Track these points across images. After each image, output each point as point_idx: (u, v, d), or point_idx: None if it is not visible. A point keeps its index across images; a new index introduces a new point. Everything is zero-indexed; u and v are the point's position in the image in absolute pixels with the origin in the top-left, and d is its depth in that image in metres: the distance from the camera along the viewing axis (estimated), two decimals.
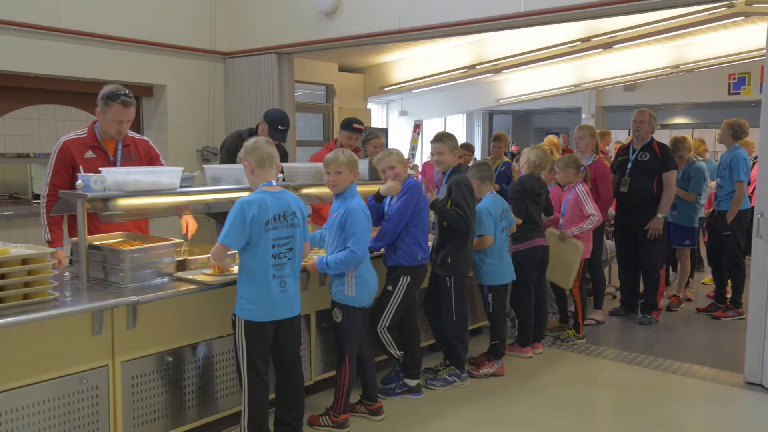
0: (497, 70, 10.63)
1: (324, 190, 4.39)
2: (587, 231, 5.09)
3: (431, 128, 14.50)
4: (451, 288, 4.11)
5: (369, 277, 3.50)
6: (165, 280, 3.26)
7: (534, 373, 4.47)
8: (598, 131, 5.89)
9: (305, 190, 4.27)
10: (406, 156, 4.46)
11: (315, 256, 3.53)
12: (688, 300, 6.45)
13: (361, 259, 3.39)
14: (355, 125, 5.17)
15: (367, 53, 9.02)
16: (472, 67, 9.56)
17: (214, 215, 4.56)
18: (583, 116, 15.85)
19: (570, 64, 11.94)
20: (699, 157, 6.36)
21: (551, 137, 6.83)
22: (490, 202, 4.42)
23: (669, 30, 8.18)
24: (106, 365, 2.91)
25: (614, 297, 6.36)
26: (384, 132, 10.31)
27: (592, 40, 8.35)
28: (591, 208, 5.04)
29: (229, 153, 4.64)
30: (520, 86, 13.32)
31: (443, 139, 4.21)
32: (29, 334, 2.65)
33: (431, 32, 5.88)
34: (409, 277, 3.81)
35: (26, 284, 2.68)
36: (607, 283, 6.21)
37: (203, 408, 3.32)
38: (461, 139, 17.41)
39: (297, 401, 3.28)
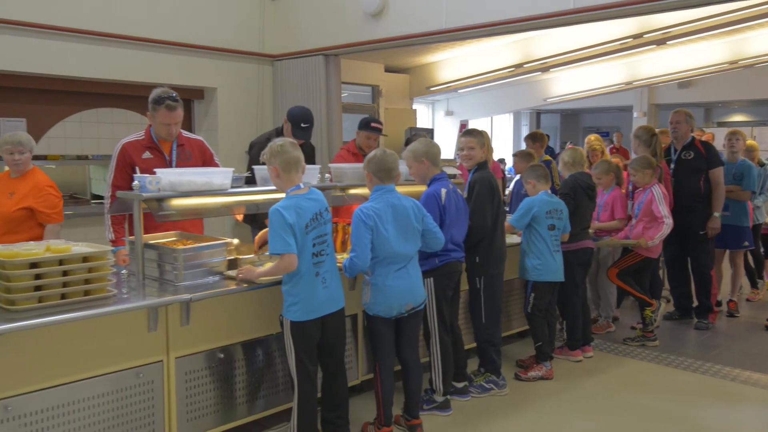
0: (545, 69, 10.48)
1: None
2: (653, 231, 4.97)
3: (477, 128, 14.40)
4: (480, 289, 4.04)
5: (385, 287, 3.31)
6: (216, 278, 3.34)
7: (584, 378, 4.39)
8: (657, 129, 5.74)
9: (352, 191, 4.30)
10: (452, 156, 4.44)
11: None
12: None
13: (361, 267, 3.27)
14: (373, 124, 5.01)
15: (412, 53, 9.02)
16: (519, 65, 9.45)
17: (251, 219, 4.57)
18: (635, 114, 15.49)
19: (621, 61, 11.68)
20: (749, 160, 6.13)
21: (591, 137, 6.67)
22: (540, 199, 4.38)
23: (726, 24, 7.91)
24: (161, 361, 3.00)
25: (668, 301, 6.19)
26: (430, 132, 10.28)
27: (645, 36, 8.15)
28: (664, 209, 4.93)
29: (257, 157, 4.65)
30: (568, 84, 13.09)
31: (474, 133, 4.15)
32: (89, 330, 2.75)
33: (478, 31, 5.84)
34: (432, 279, 3.72)
35: (87, 281, 2.78)
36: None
37: (253, 405, 3.38)
38: (508, 139, 17.25)
39: (341, 400, 3.31)
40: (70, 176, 6.96)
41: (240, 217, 4.11)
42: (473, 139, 4.07)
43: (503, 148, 15.42)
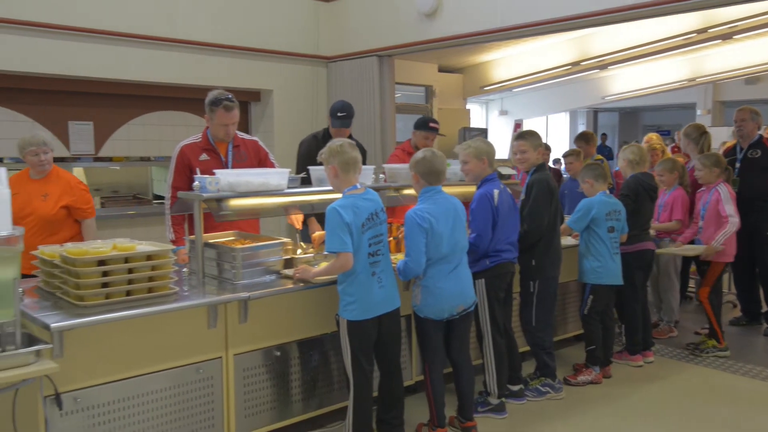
0: (603, 66, 10.23)
1: None
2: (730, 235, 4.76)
3: (532, 127, 14.18)
4: (534, 292, 3.96)
5: (436, 290, 3.30)
6: (273, 277, 3.39)
7: (645, 384, 4.26)
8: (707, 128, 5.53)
9: (406, 191, 4.30)
10: (506, 156, 4.39)
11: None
12: None
13: (415, 271, 3.26)
14: (431, 124, 4.99)
15: (466, 53, 8.96)
16: (576, 63, 9.26)
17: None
18: (698, 112, 14.93)
19: (683, 57, 11.29)
20: None
21: (651, 135, 6.45)
22: (599, 200, 4.27)
23: None
24: (220, 357, 3.07)
25: (734, 306, 5.94)
26: (483, 132, 10.18)
27: (710, 31, 7.85)
28: (731, 209, 4.74)
29: (305, 157, 4.69)
30: (627, 82, 12.74)
31: (525, 136, 4.08)
32: (152, 326, 2.84)
33: (534, 29, 5.75)
34: (483, 281, 3.69)
35: (150, 279, 2.87)
36: (726, 290, 5.81)
37: (308, 402, 3.42)
38: (564, 139, 16.92)
39: (397, 400, 3.31)
40: (133, 177, 7.21)
41: (299, 225, 4.16)
42: (525, 142, 4.01)
43: (559, 147, 15.13)
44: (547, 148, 6.99)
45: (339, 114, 4.61)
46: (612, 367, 4.40)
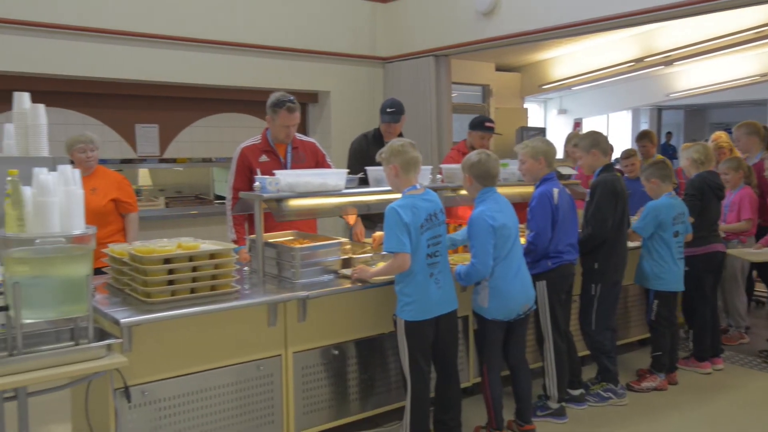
0: (668, 62, 9.88)
1: None
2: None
3: (592, 126, 13.84)
4: (595, 296, 3.86)
5: (505, 289, 3.27)
6: (331, 277, 3.42)
7: (713, 392, 4.09)
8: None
9: (464, 192, 4.26)
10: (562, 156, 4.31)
11: (458, 263, 3.48)
12: None
13: (482, 273, 3.22)
14: (487, 124, 4.93)
15: (525, 51, 8.81)
16: (639, 60, 8.98)
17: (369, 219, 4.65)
18: None
19: (755, 52, 10.77)
20: None
21: (720, 133, 6.18)
22: (666, 203, 4.12)
23: None
24: (280, 355, 3.12)
25: None
26: (542, 131, 9.99)
27: None
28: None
29: (356, 156, 4.69)
30: (694, 78, 12.25)
31: (580, 143, 4.04)
32: (215, 323, 2.91)
33: (596, 26, 5.62)
34: (544, 282, 3.61)
35: (213, 277, 2.95)
36: None
37: (365, 402, 3.44)
38: (626, 138, 16.44)
39: (454, 402, 3.29)
40: (195, 178, 7.42)
41: (352, 220, 4.21)
42: (576, 149, 3.95)
43: (620, 147, 14.70)
44: (651, 138, 6.73)
45: (388, 110, 4.62)
46: (678, 373, 4.24)
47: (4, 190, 2.24)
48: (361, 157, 4.54)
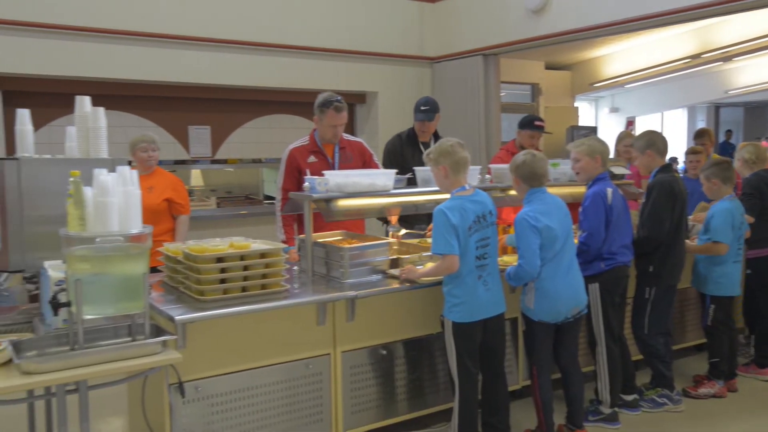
0: (727, 58, 9.54)
1: None
2: None
3: (646, 125, 13.47)
4: (649, 299, 3.75)
5: (552, 291, 3.21)
6: (379, 277, 3.43)
7: None
8: None
9: (513, 191, 4.21)
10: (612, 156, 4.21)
11: (509, 264, 3.45)
12: None
13: (530, 274, 3.18)
14: (537, 122, 4.87)
15: (575, 49, 8.65)
16: (696, 56, 8.70)
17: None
18: None
19: None
20: None
21: None
22: (730, 206, 3.97)
23: None
24: (329, 354, 3.14)
25: None
26: (593, 130, 9.79)
27: None
28: None
29: (389, 156, 4.69)
30: (754, 74, 11.80)
31: (635, 142, 3.95)
32: (265, 321, 2.96)
33: (650, 22, 5.47)
34: (597, 285, 3.53)
35: (264, 276, 2.99)
36: None
37: (413, 402, 3.43)
38: (681, 136, 15.96)
39: (502, 404, 3.25)
40: (245, 178, 7.56)
41: (394, 219, 4.21)
42: (632, 149, 3.85)
43: (676, 146, 14.28)
44: (708, 136, 6.52)
45: (422, 108, 4.58)
46: (738, 380, 4.09)
47: (66, 191, 2.33)
48: (395, 157, 4.54)
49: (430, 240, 3.63)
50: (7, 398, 2.24)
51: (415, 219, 4.36)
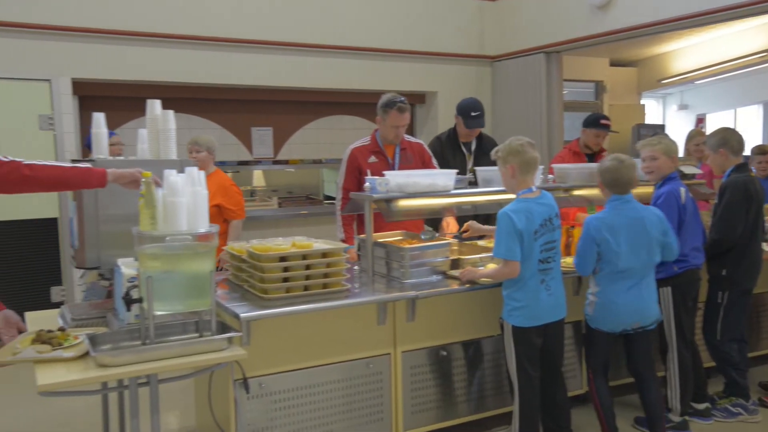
0: None
1: (595, 192, 4.20)
2: None
3: (717, 123, 12.92)
4: (722, 304, 3.60)
5: (610, 303, 3.14)
6: (439, 277, 3.42)
7: None
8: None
9: (577, 192, 4.12)
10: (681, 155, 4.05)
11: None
12: None
13: (580, 272, 3.24)
14: (603, 121, 4.74)
15: (642, 44, 8.38)
16: None
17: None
18: None
19: None
20: None
21: None
22: None
23: None
24: (389, 353, 3.15)
25: None
26: (661, 128, 9.46)
27: None
28: None
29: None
30: None
31: (707, 141, 3.80)
32: (327, 320, 2.99)
33: (723, 15, 5.24)
34: (669, 289, 3.41)
35: (325, 275, 3.03)
36: None
37: (473, 404, 3.41)
38: (756, 134, 15.20)
39: (562, 408, 3.19)
40: (306, 179, 7.67)
41: (451, 221, 4.16)
42: (704, 147, 3.70)
43: (750, 144, 13.62)
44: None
45: (473, 113, 4.45)
46: None
47: (139, 191, 2.42)
48: (436, 159, 4.48)
49: (489, 243, 3.61)
50: (84, 389, 2.34)
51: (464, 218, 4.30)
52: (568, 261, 3.65)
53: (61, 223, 5.44)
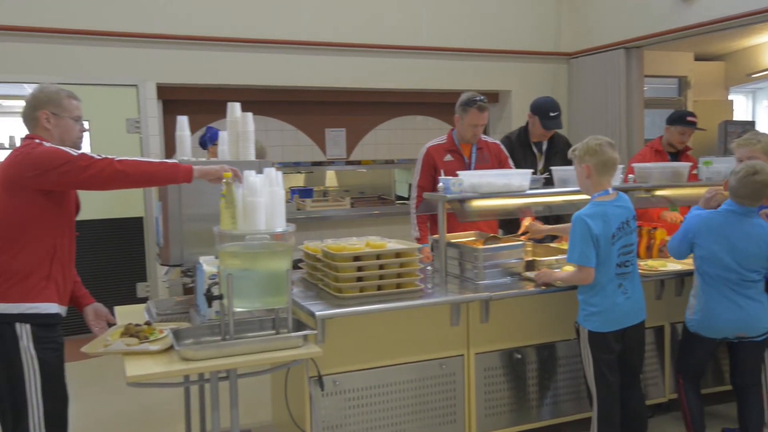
0: None
1: (678, 192, 4.03)
2: None
3: None
4: None
5: (711, 310, 3.02)
6: (513, 278, 3.36)
7: None
8: None
9: (659, 192, 3.97)
10: None
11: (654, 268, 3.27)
12: None
13: (672, 255, 3.18)
14: (689, 118, 4.54)
15: (730, 37, 7.94)
16: None
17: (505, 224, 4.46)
18: None
19: None
20: None
21: None
22: None
23: None
24: (462, 355, 3.13)
25: None
26: (751, 125, 8.95)
27: None
28: None
29: None
30: None
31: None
32: (400, 320, 3.00)
33: None
34: None
35: (399, 275, 3.04)
36: None
37: (548, 409, 3.34)
38: None
39: (639, 415, 3.08)
40: (377, 179, 7.72)
41: (527, 222, 4.07)
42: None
43: None
44: None
45: (552, 113, 4.31)
46: None
47: (220, 191, 2.50)
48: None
49: (562, 245, 3.51)
50: (168, 381, 2.45)
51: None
52: (650, 263, 3.52)
53: (146, 222, 5.71)
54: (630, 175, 4.01)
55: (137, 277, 5.81)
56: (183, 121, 2.99)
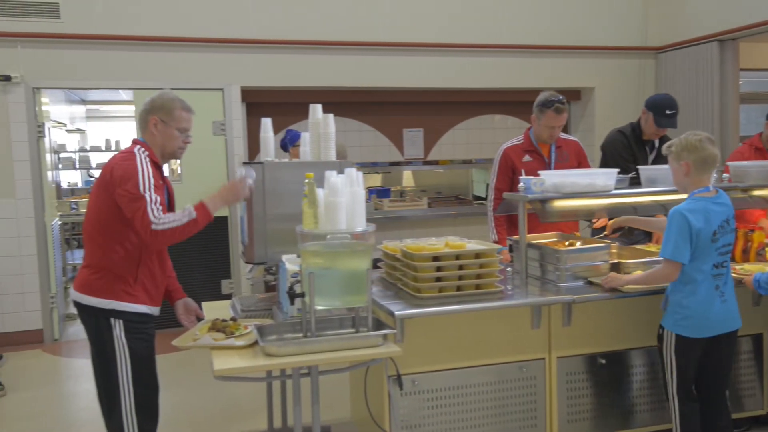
0: None
1: None
2: None
3: None
4: None
5: None
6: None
7: None
8: None
9: (757, 192, 3.73)
10: None
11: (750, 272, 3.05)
12: None
13: None
14: None
15: None
16: None
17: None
18: None
19: None
20: None
21: None
22: None
23: None
24: (543, 358, 3.06)
25: None
26: None
27: None
28: None
29: (620, 154, 4.24)
30: None
31: None
32: (479, 321, 2.96)
33: None
34: None
35: (478, 276, 3.00)
36: None
37: (633, 418, 3.21)
38: None
39: (724, 429, 2.89)
40: (455, 179, 7.68)
41: (602, 224, 3.91)
42: None
43: None
44: None
45: (668, 111, 4.08)
46: None
47: (302, 191, 2.55)
48: (625, 154, 4.18)
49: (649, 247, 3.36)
50: (252, 376, 2.52)
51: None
52: (747, 267, 3.32)
53: (231, 222, 5.91)
54: (725, 174, 3.80)
55: (222, 274, 6.04)
56: (267, 123, 3.07)
